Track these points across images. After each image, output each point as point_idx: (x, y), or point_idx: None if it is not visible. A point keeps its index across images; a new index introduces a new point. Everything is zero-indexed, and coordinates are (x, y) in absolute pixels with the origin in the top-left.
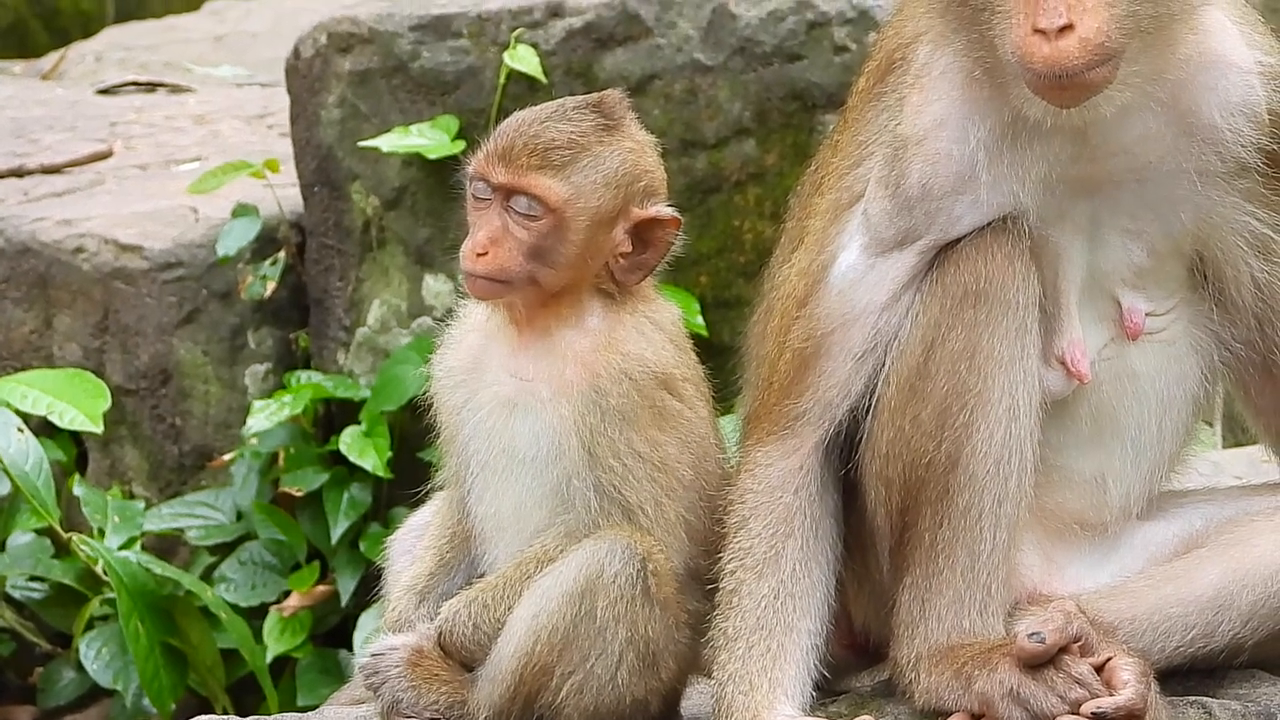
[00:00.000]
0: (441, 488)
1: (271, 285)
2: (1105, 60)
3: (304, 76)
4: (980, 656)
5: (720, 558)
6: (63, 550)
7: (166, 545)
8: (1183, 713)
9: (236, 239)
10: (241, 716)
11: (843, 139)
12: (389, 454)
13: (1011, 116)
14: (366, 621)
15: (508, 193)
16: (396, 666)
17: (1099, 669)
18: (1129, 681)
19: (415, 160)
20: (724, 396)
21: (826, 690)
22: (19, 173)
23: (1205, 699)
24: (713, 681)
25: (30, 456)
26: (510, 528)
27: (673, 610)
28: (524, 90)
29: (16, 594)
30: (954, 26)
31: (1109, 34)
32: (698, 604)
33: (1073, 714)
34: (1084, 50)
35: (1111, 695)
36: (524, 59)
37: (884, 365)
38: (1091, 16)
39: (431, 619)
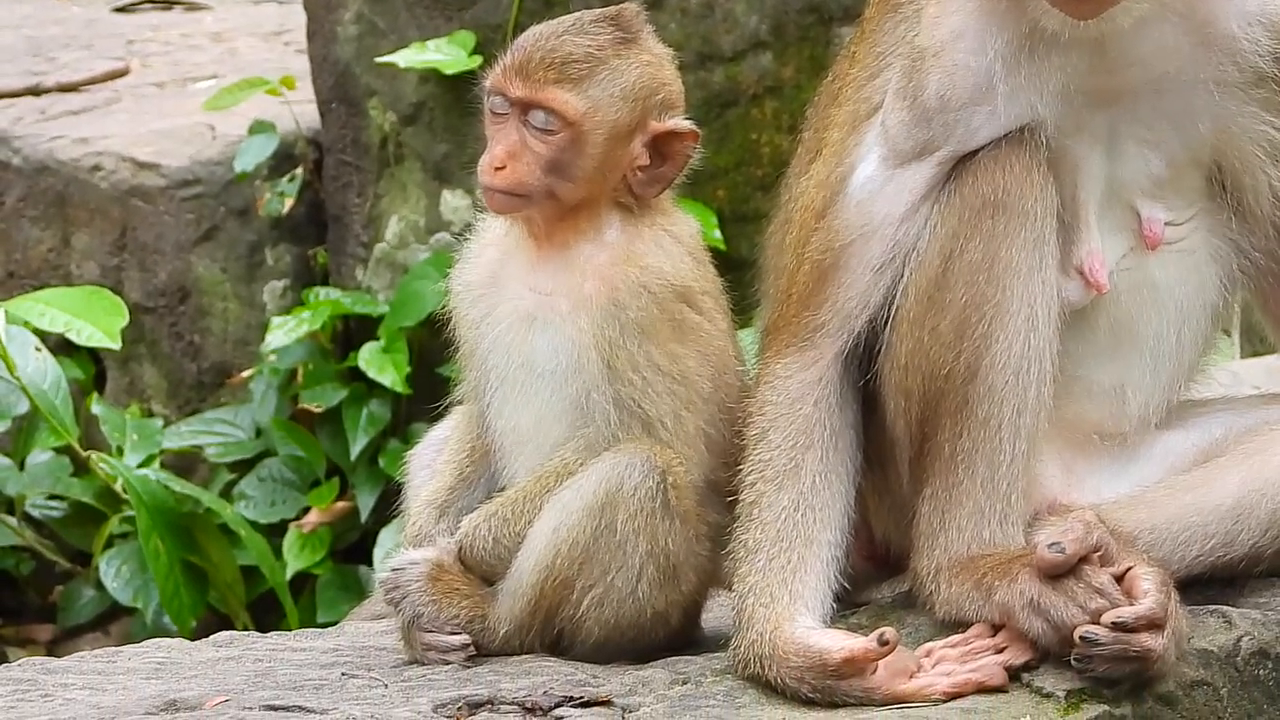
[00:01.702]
0: (461, 402)
1: (289, 202)
2: None
3: None
4: (1000, 567)
5: (740, 470)
6: (82, 469)
7: (185, 463)
8: (1203, 621)
9: (254, 156)
10: (262, 633)
11: (860, 51)
12: (408, 369)
13: (1029, 28)
14: (386, 538)
15: (525, 107)
16: (417, 581)
17: (1119, 578)
18: (1149, 590)
19: (432, 76)
20: (742, 310)
21: (847, 602)
22: (35, 91)
23: (1225, 608)
24: (733, 594)
25: (48, 375)
26: (530, 442)
27: (692, 523)
28: (541, 5)
29: (36, 513)
30: None
31: None
32: (718, 516)
33: (1093, 624)
34: None
35: (1132, 604)
36: None
37: (902, 277)
38: None
39: (451, 534)
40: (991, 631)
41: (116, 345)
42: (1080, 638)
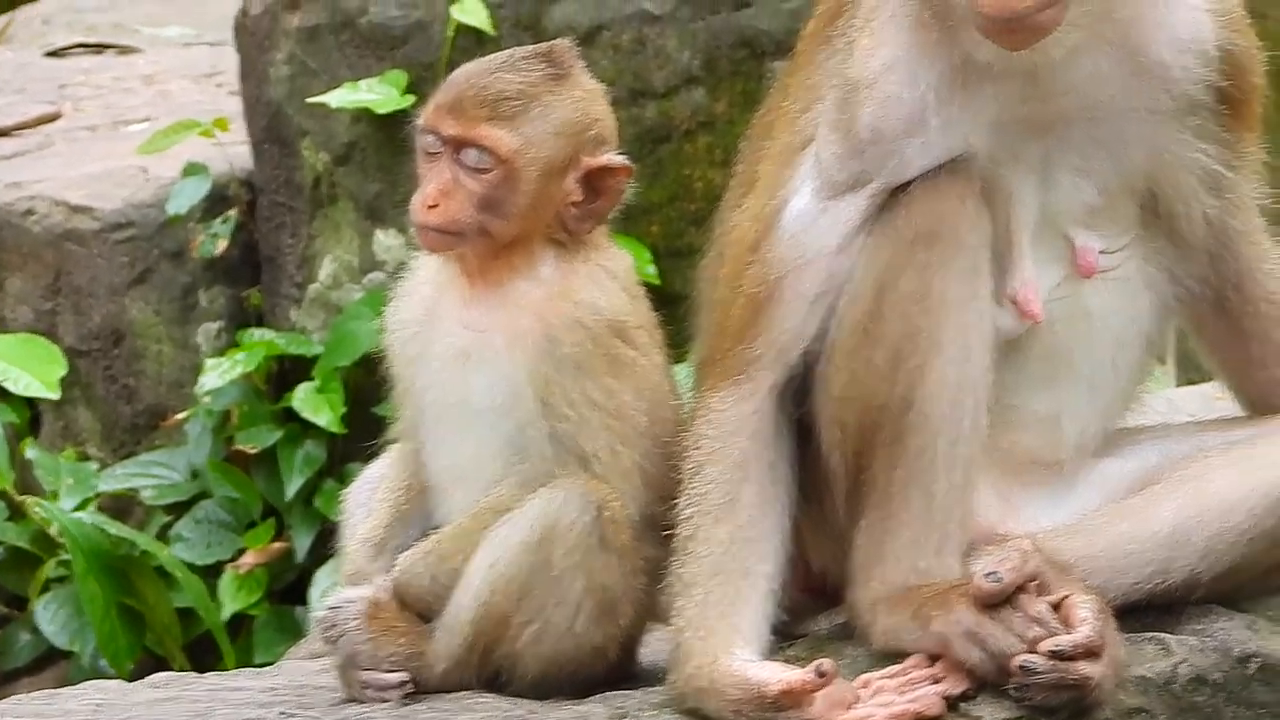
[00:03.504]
0: (396, 441)
1: (223, 243)
2: (1054, 2)
3: (252, 34)
4: (938, 597)
5: (677, 504)
6: (17, 514)
7: (121, 506)
8: (1140, 649)
9: (187, 198)
10: (199, 674)
11: (793, 83)
12: (342, 409)
13: (961, 59)
14: (322, 577)
15: (458, 145)
16: (354, 619)
17: (1056, 607)
18: (1086, 618)
19: (364, 115)
20: (678, 344)
21: (784, 634)
22: None
23: (1162, 634)
24: (671, 628)
25: None
26: (466, 479)
27: (629, 558)
28: (472, 43)
29: None
30: None
31: None
32: (655, 551)
33: (1031, 652)
34: None
35: (1069, 633)
36: (472, 12)
37: (837, 308)
38: None
39: (388, 572)
40: (929, 662)
41: (56, 395)
42: (1018, 667)
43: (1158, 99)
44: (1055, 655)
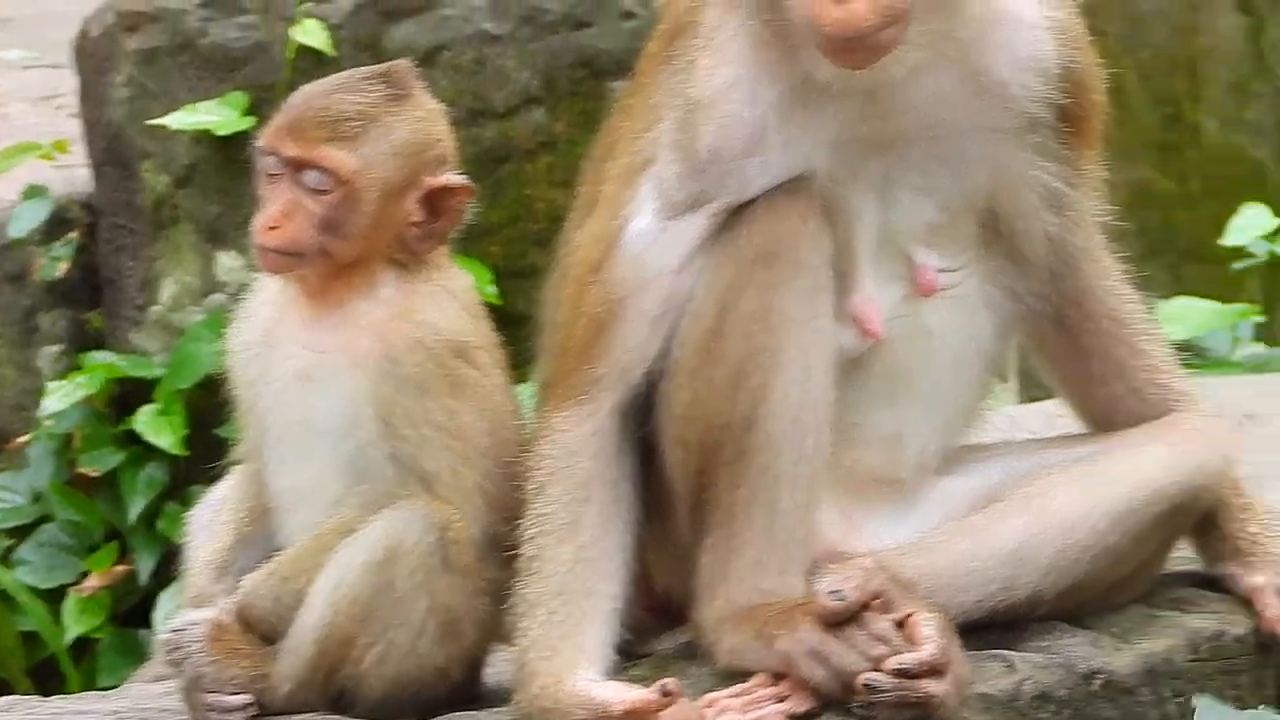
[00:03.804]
0: (239, 462)
1: (64, 266)
2: (894, 21)
3: (92, 56)
4: (781, 616)
5: (520, 524)
6: None
7: None
8: (984, 666)
9: (27, 221)
10: (44, 697)
11: (634, 104)
12: (185, 432)
13: (801, 79)
14: (166, 600)
15: (298, 167)
16: (197, 642)
17: (900, 625)
18: (930, 636)
19: (204, 137)
20: (520, 364)
21: (629, 654)
22: None
23: (1006, 652)
24: (515, 648)
25: None
26: (308, 500)
27: (473, 578)
28: (312, 65)
29: None
30: None
31: None
32: (498, 571)
33: (875, 670)
34: (873, 11)
35: (913, 650)
36: (312, 33)
37: (679, 328)
38: None
39: (232, 594)
40: (774, 680)
41: None
42: (863, 685)
43: (999, 117)
44: (900, 673)
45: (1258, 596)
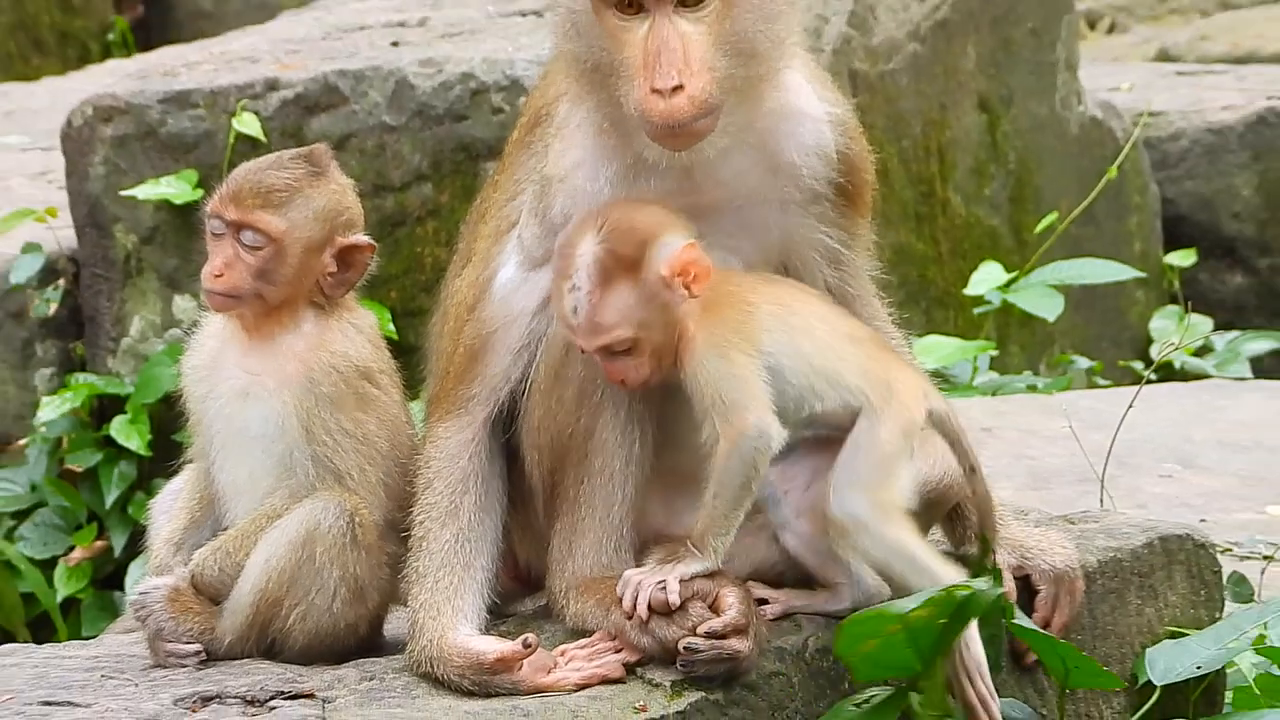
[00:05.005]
0: (191, 461)
1: (54, 306)
2: (709, 113)
3: (75, 141)
4: (615, 592)
5: (412, 511)
6: None
7: None
8: (778, 625)
9: (25, 270)
10: (39, 644)
11: (501, 179)
12: (149, 437)
13: (633, 158)
14: (135, 569)
15: (238, 227)
16: (159, 602)
17: (711, 603)
18: (733, 604)
19: (165, 205)
20: (412, 385)
21: (498, 614)
22: None
23: (796, 615)
24: (408, 609)
25: None
26: (245, 492)
27: (376, 554)
28: (249, 148)
29: None
30: (587, 88)
31: (711, 92)
32: (395, 548)
33: (691, 635)
34: (692, 105)
35: (720, 617)
36: (248, 123)
37: (536, 357)
38: (697, 79)
39: (185, 565)
40: (611, 637)
41: None
42: (683, 648)
43: (789, 192)
44: (710, 635)
45: None
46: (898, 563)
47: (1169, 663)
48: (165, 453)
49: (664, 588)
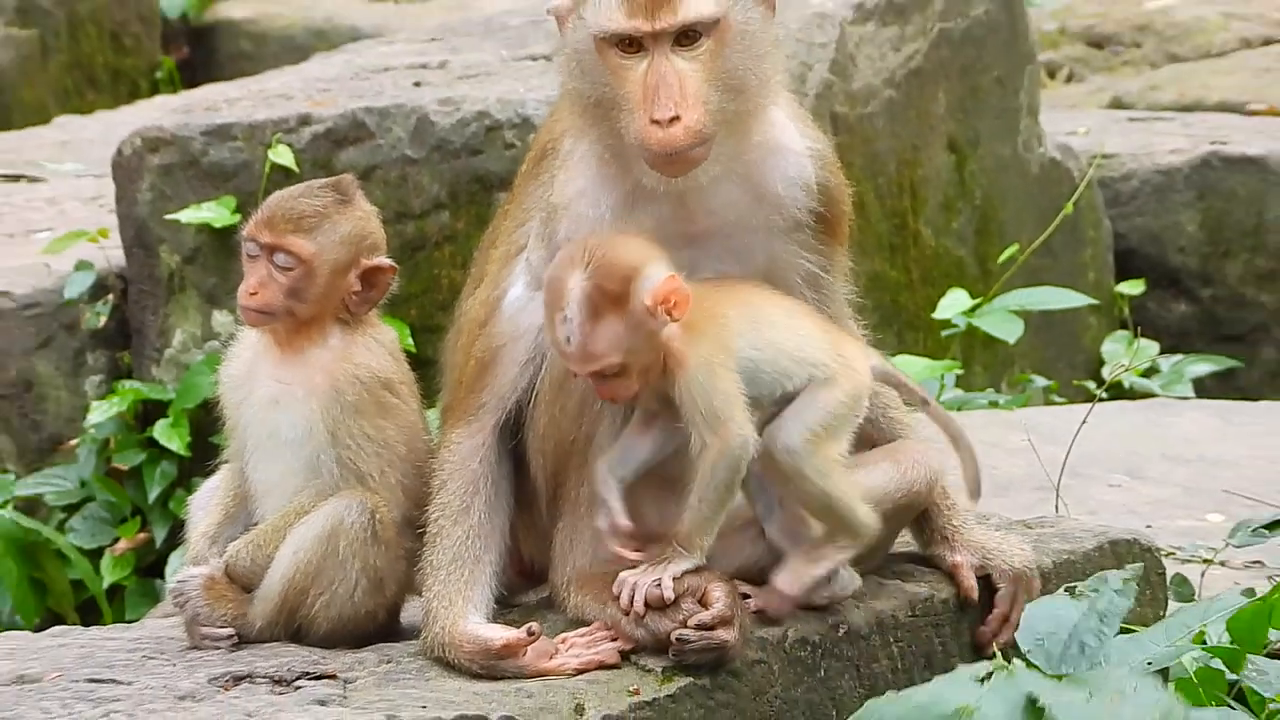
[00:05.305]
0: (227, 462)
1: (104, 319)
2: (702, 142)
3: (125, 169)
4: (612, 586)
5: (428, 510)
6: None
7: (31, 506)
8: (760, 618)
9: (78, 286)
10: (86, 627)
11: (511, 207)
12: (189, 439)
13: (632, 186)
14: (174, 559)
15: (271, 250)
16: (196, 590)
17: (700, 597)
18: (719, 598)
19: (205, 229)
20: (429, 395)
21: (504, 604)
22: None
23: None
24: (423, 599)
25: None
26: (276, 490)
27: (394, 548)
28: (282, 177)
29: None
30: (590, 122)
31: (704, 123)
32: (411, 543)
33: (682, 627)
34: (687, 135)
35: (708, 610)
36: (282, 155)
37: (541, 369)
38: (692, 111)
39: (220, 556)
40: (607, 626)
41: None
42: (675, 639)
43: (773, 220)
44: (700, 627)
45: (957, 571)
46: (828, 504)
47: (1120, 657)
48: (203, 454)
49: (659, 585)
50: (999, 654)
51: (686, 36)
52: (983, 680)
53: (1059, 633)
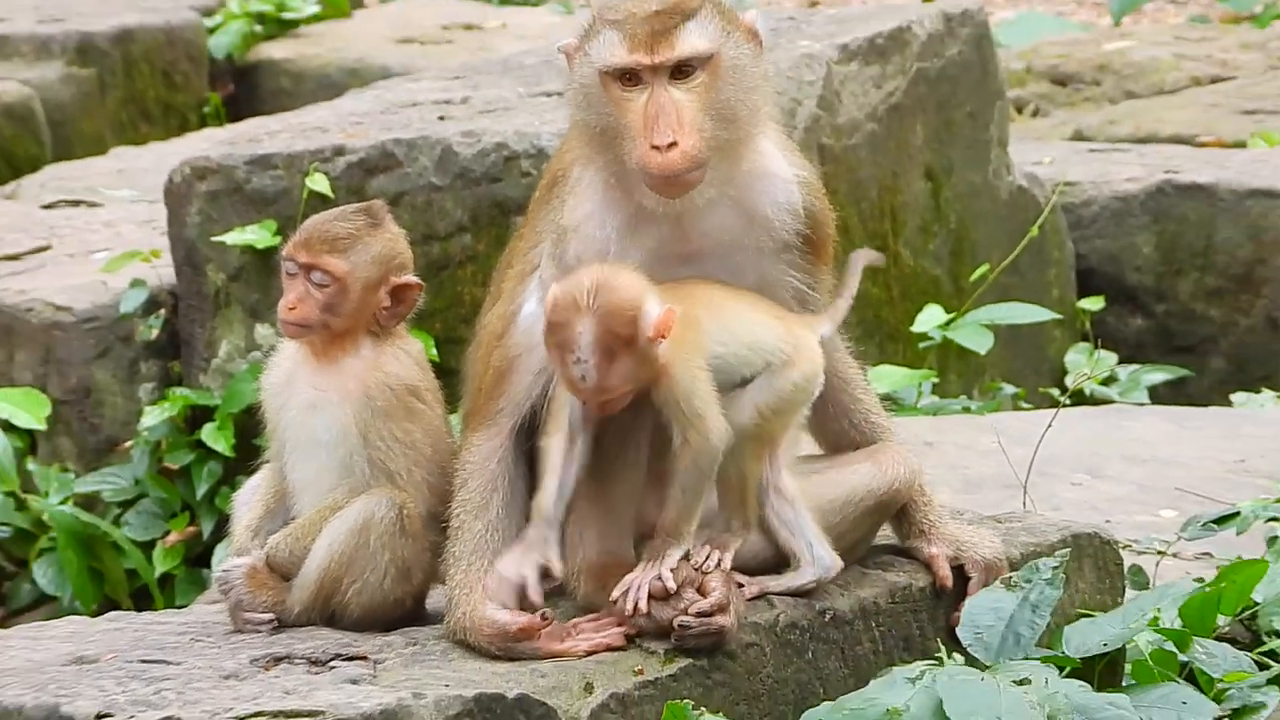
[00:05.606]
0: (268, 462)
1: (155, 332)
2: (698, 166)
3: (175, 195)
4: (619, 576)
5: (450, 506)
6: (21, 506)
7: (89, 502)
8: (754, 604)
9: (132, 302)
10: (139, 613)
11: (525, 230)
12: (234, 441)
13: (634, 209)
14: (219, 550)
15: (308, 269)
16: (239, 579)
17: (698, 587)
18: (716, 588)
19: (249, 249)
20: (452, 401)
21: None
22: None
23: (771, 596)
24: (446, 587)
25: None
26: (312, 487)
27: (420, 540)
28: (319, 203)
29: None
30: (596, 149)
31: (700, 149)
32: (436, 536)
33: (683, 615)
34: (684, 159)
35: (706, 599)
36: (319, 182)
37: (553, 378)
38: (688, 137)
39: (261, 548)
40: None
41: (43, 427)
42: (677, 625)
43: (763, 241)
44: (700, 614)
45: (934, 561)
46: (744, 487)
47: (1082, 639)
48: (247, 454)
49: (659, 578)
50: (943, 649)
51: (682, 70)
52: (914, 680)
53: (996, 625)
